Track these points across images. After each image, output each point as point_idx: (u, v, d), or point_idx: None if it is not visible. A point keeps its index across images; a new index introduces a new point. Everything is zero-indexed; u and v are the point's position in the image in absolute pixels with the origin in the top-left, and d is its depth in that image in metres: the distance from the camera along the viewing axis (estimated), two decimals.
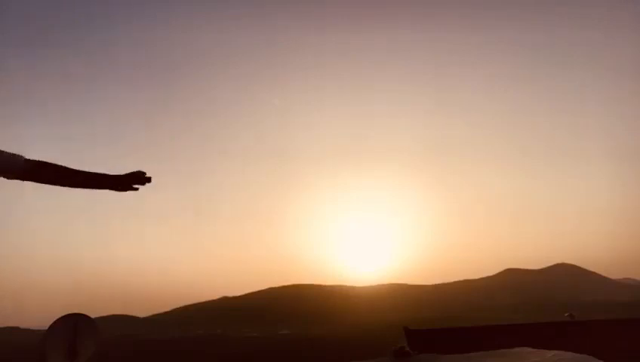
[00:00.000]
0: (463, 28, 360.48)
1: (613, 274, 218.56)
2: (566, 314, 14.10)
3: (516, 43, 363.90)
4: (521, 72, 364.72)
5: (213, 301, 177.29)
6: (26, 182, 2.07)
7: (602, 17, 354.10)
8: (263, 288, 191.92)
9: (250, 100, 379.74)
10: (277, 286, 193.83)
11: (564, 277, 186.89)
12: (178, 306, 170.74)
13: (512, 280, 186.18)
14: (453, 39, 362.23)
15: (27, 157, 2.08)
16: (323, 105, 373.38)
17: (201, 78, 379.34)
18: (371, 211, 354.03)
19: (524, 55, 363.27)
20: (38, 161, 2.07)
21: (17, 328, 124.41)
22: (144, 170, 2.21)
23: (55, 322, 5.18)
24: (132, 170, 2.20)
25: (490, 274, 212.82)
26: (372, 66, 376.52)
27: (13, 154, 2.03)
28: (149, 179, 2.21)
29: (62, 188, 2.15)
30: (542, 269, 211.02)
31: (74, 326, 5.15)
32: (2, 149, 2.05)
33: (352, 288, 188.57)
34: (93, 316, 5.36)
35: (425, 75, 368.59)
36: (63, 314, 5.24)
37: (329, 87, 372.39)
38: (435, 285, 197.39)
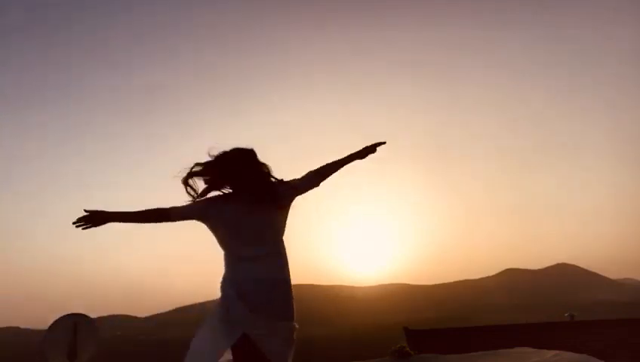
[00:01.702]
0: (470, 26, 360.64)
1: (614, 274, 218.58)
2: (566, 314, 14.06)
3: (521, 42, 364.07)
4: (521, 72, 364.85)
5: (214, 301, 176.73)
6: None
7: (606, 15, 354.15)
8: None
9: (250, 98, 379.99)
10: None
11: (565, 278, 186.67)
12: (178, 306, 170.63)
13: (512, 280, 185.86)
14: (457, 38, 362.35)
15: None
16: (323, 103, 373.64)
17: (198, 75, 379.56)
18: (371, 211, 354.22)
19: (525, 55, 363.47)
20: (322, 171, 2.56)
21: (17, 328, 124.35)
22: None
23: (55, 322, 5.18)
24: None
25: (490, 274, 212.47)
26: (373, 65, 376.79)
27: (307, 181, 2.53)
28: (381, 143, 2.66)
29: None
30: (542, 269, 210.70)
31: (74, 326, 5.15)
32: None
33: (352, 288, 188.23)
34: (93, 316, 5.36)
35: (425, 74, 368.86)
36: (62, 314, 5.24)
37: (329, 85, 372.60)
38: (435, 285, 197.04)
